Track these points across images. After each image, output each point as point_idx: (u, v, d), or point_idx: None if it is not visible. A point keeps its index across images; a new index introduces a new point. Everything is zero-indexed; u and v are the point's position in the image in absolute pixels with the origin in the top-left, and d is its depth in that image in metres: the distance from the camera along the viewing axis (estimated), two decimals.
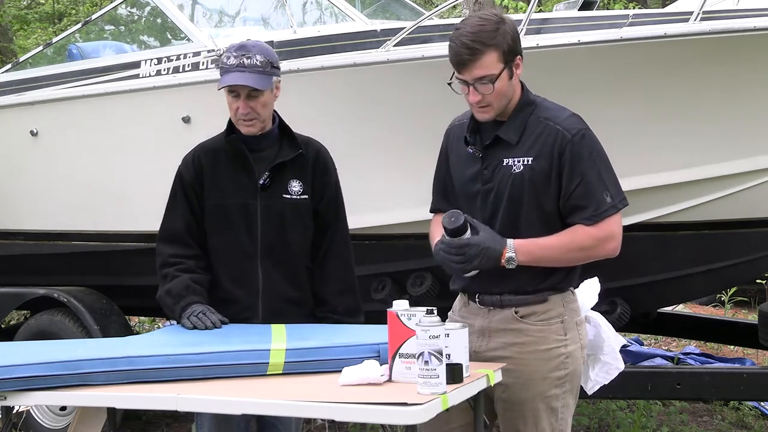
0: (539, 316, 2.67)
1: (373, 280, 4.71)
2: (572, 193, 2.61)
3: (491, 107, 2.62)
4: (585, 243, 2.62)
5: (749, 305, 8.40)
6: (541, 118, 2.65)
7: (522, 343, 2.66)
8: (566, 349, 2.67)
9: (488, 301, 2.71)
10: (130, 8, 6.02)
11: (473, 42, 2.54)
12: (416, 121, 4.21)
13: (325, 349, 2.62)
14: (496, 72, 2.56)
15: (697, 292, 5.34)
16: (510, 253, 2.58)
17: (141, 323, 8.17)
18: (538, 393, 2.64)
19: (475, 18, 2.63)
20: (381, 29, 4.49)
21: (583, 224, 2.61)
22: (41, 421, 5.12)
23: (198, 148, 3.18)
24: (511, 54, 2.59)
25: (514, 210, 2.64)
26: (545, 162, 2.61)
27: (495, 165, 2.66)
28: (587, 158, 2.61)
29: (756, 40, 3.75)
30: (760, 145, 4.08)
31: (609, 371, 2.86)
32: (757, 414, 5.71)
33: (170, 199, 3.17)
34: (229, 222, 3.07)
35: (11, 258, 5.66)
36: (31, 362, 2.54)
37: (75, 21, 13.29)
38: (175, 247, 3.09)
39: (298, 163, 3.10)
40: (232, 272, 3.08)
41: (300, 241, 3.11)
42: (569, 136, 2.60)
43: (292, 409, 2.36)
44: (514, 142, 2.64)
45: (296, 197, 3.08)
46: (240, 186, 3.07)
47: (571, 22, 4.14)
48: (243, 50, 2.99)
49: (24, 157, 5.48)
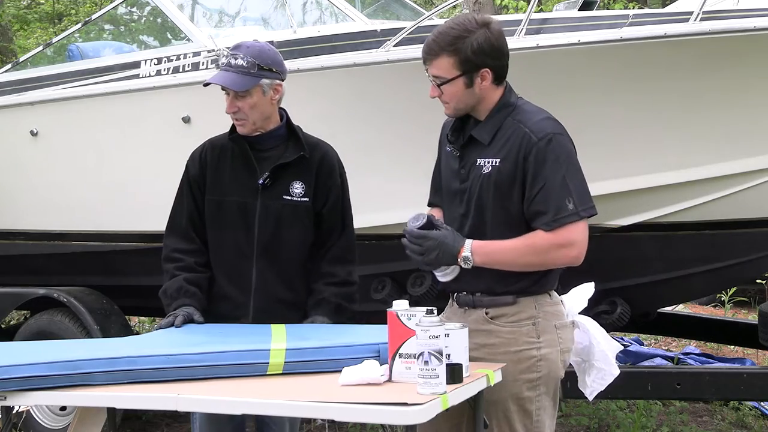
0: (509, 318, 2.67)
1: (373, 280, 4.71)
2: (534, 198, 2.59)
3: (449, 105, 2.69)
4: (541, 248, 2.60)
5: (749, 305, 8.40)
6: (515, 120, 2.65)
7: (492, 344, 2.67)
8: (539, 352, 2.65)
9: (463, 301, 2.74)
10: (130, 8, 6.03)
11: (433, 42, 2.63)
12: (416, 121, 4.21)
13: (325, 349, 2.62)
14: (448, 76, 2.62)
15: (697, 292, 5.34)
16: (466, 252, 2.61)
17: (141, 323, 8.17)
18: (510, 394, 2.63)
19: (453, 20, 2.67)
20: (381, 29, 4.49)
21: (542, 229, 2.59)
22: (41, 421, 5.12)
23: (206, 143, 3.21)
24: (469, 64, 2.60)
25: (481, 210, 2.67)
26: (511, 164, 2.61)
27: (470, 164, 2.70)
28: (552, 163, 2.58)
29: (756, 40, 3.75)
30: (760, 145, 4.08)
31: (604, 377, 2.83)
32: (757, 414, 5.70)
33: (178, 192, 3.20)
34: (227, 220, 3.09)
35: (11, 258, 5.66)
36: (31, 362, 2.54)
37: (75, 21, 13.30)
38: (179, 241, 3.13)
39: (302, 165, 3.10)
40: (227, 270, 3.10)
41: (297, 243, 3.11)
42: (535, 140, 2.59)
43: (292, 409, 2.35)
44: (486, 142, 2.67)
45: (297, 199, 3.08)
46: (241, 184, 3.08)
47: (571, 22, 4.14)
48: (235, 50, 3.02)
49: (24, 157, 5.48)
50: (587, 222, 2.63)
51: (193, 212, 3.13)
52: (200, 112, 4.69)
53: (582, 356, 2.82)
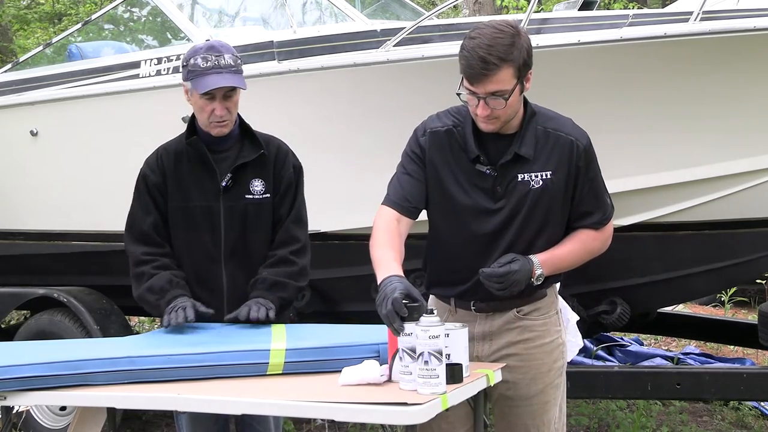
0: (541, 312, 2.73)
1: (373, 280, 4.70)
2: (582, 200, 2.66)
3: (499, 120, 2.55)
4: (594, 248, 2.73)
5: (749, 305, 8.40)
6: (549, 129, 2.62)
7: (527, 339, 2.70)
8: (562, 339, 2.76)
9: (485, 307, 2.71)
10: (130, 8, 6.02)
11: (489, 55, 2.42)
12: (416, 121, 4.20)
13: (325, 349, 2.62)
14: (509, 88, 2.48)
15: (697, 292, 5.33)
16: (538, 270, 2.61)
17: (141, 323, 8.17)
18: (546, 385, 2.71)
19: (491, 29, 2.48)
20: (381, 29, 4.48)
21: (592, 228, 2.68)
22: (41, 421, 5.11)
23: (160, 149, 3.15)
24: (525, 69, 2.51)
25: (531, 225, 2.63)
26: (563, 174, 2.62)
27: (509, 181, 2.61)
28: (594, 165, 2.68)
29: (756, 40, 3.75)
30: (759, 145, 4.08)
31: (571, 349, 2.93)
32: (757, 414, 5.70)
33: (135, 199, 3.14)
34: (193, 224, 3.05)
35: (11, 258, 5.66)
36: (31, 362, 2.54)
37: (75, 21, 13.28)
38: (146, 246, 3.07)
39: (259, 163, 3.07)
40: (197, 274, 3.06)
41: (262, 242, 3.08)
42: (582, 146, 2.63)
43: (292, 409, 2.35)
44: (532, 157, 2.60)
45: (258, 197, 3.06)
46: (202, 188, 3.05)
47: (571, 22, 4.14)
48: (213, 51, 2.96)
49: (24, 157, 5.47)
50: None
51: (156, 218, 3.08)
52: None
53: None
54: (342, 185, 4.45)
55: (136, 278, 3.06)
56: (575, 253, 2.69)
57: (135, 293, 3.07)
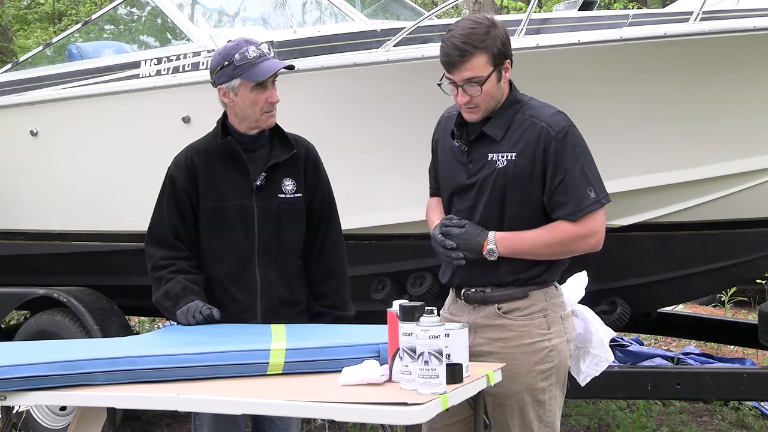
0: (521, 312, 2.73)
1: (373, 280, 4.71)
2: (555, 189, 2.66)
3: (479, 108, 2.69)
4: (565, 238, 2.69)
5: (749, 305, 8.40)
6: (527, 115, 2.71)
7: (506, 338, 2.72)
8: (550, 343, 2.73)
9: (473, 298, 2.77)
10: (130, 8, 6.02)
11: (463, 44, 2.61)
12: (416, 120, 4.21)
13: (325, 349, 2.62)
14: (484, 74, 2.63)
15: (698, 292, 5.34)
16: (491, 245, 2.66)
17: (141, 323, 8.17)
18: (525, 386, 2.70)
19: (467, 20, 2.68)
20: (381, 29, 4.49)
21: (566, 220, 2.67)
22: (41, 421, 5.12)
23: (189, 149, 3.15)
24: (500, 57, 2.65)
25: (496, 204, 2.70)
26: (528, 158, 2.67)
27: (480, 159, 2.73)
28: (570, 155, 2.66)
29: (756, 40, 3.75)
30: (759, 145, 4.08)
31: (599, 363, 2.91)
32: (757, 414, 5.71)
33: (159, 201, 3.15)
34: (227, 223, 3.06)
35: (11, 258, 5.66)
36: (31, 362, 2.54)
37: (75, 21, 13.29)
38: (165, 250, 3.08)
39: (290, 162, 3.09)
40: (230, 273, 3.07)
41: (294, 241, 3.11)
42: (553, 133, 2.66)
43: (292, 409, 2.35)
44: (499, 138, 2.70)
45: (291, 196, 3.08)
46: (236, 187, 3.06)
47: (571, 22, 4.14)
48: (252, 43, 3.01)
49: (24, 157, 5.48)
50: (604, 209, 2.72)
51: (177, 221, 3.08)
52: (200, 112, 4.68)
53: (577, 343, 2.89)
54: (342, 185, 4.44)
55: (154, 283, 3.08)
56: (540, 240, 2.67)
57: (153, 298, 3.09)
